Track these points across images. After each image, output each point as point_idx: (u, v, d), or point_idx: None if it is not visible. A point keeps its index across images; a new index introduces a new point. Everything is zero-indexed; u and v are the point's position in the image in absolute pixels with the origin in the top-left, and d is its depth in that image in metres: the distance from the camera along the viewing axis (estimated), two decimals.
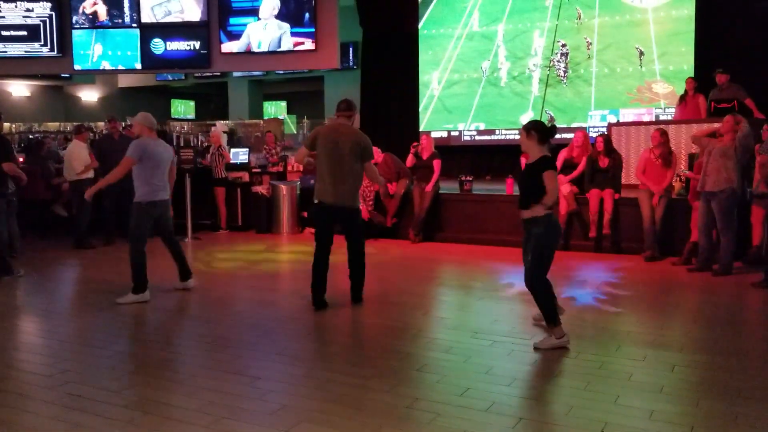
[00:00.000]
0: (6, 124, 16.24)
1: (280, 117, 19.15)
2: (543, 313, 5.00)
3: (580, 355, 4.79)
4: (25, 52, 14.27)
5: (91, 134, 14.73)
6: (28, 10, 14.14)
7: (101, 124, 16.34)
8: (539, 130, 4.99)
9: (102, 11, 13.90)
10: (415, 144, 10.40)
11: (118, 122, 10.80)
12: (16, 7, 14.13)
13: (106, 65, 14.34)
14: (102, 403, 3.97)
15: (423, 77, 14.58)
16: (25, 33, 14.19)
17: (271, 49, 13.47)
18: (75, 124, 11.80)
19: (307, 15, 13.34)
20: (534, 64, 13.81)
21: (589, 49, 13.32)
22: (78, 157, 9.57)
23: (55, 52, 14.20)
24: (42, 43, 14.21)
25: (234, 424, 3.66)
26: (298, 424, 3.65)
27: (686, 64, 12.36)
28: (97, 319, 5.97)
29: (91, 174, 9.64)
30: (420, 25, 14.49)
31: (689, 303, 6.76)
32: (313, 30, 13.22)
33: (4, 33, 14.18)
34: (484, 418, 3.74)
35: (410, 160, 10.32)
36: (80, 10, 13.87)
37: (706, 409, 3.87)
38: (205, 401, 3.97)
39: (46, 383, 4.35)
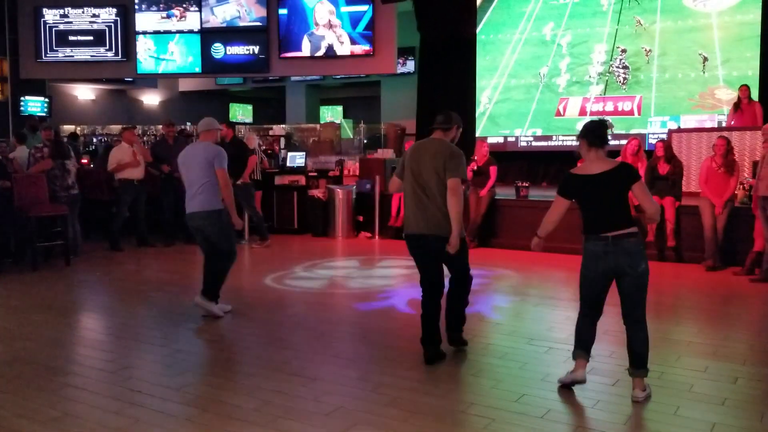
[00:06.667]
0: (70, 127, 16.73)
1: (337, 121, 19.26)
2: (644, 357, 4.10)
3: None
4: (91, 56, 14.73)
5: (154, 137, 15.13)
6: (94, 15, 14.60)
7: (161, 126, 16.71)
8: (584, 135, 4.24)
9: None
10: (473, 167, 10.13)
11: (175, 127, 10.98)
12: (83, 12, 14.59)
13: (167, 69, 14.71)
14: (161, 400, 4.07)
15: (480, 82, 14.50)
16: (91, 38, 14.65)
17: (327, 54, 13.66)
18: (123, 126, 12.07)
19: (365, 20, 13.48)
20: (593, 70, 13.62)
21: (647, 55, 13.08)
22: (112, 156, 9.71)
23: (120, 57, 14.61)
24: (107, 47, 14.63)
25: (290, 424, 3.71)
26: (353, 426, 3.68)
27: (751, 70, 12.03)
28: (155, 317, 6.11)
29: (138, 175, 9.77)
30: (478, 30, 14.43)
31: (752, 314, 6.58)
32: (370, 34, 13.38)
33: (71, 38, 14.67)
34: (540, 425, 3.71)
35: (470, 175, 10.17)
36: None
37: None
38: (262, 401, 4.02)
39: (108, 379, 4.47)
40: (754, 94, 11.02)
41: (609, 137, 4.28)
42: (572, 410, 3.96)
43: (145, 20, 14.39)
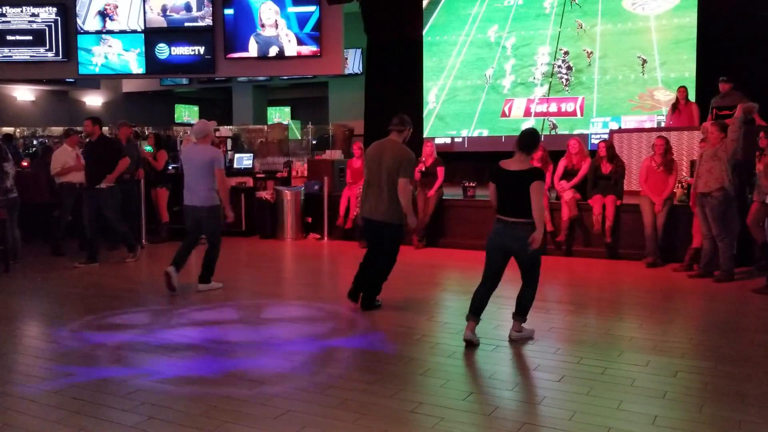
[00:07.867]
0: (9, 129, 16.28)
1: (284, 122, 19.16)
2: (527, 308, 5.34)
3: (583, 361, 4.80)
4: (30, 56, 14.36)
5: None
6: (33, 15, 14.23)
7: (105, 129, 16.35)
8: (518, 139, 5.15)
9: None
10: (421, 168, 10.14)
11: (130, 128, 10.76)
12: (21, 11, 14.21)
13: (110, 70, 14.42)
14: (106, 408, 4.00)
15: (427, 84, 14.61)
16: (30, 38, 14.28)
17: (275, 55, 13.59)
18: (65, 128, 11.80)
19: (312, 21, 13.45)
20: (537, 72, 13.82)
21: (589, 57, 13.34)
22: (56, 159, 9.49)
23: (60, 57, 14.28)
24: (47, 47, 14.28)
25: (238, 429, 3.68)
26: (302, 429, 3.67)
27: (688, 72, 12.36)
28: (98, 323, 5.99)
29: (81, 178, 9.51)
30: (424, 32, 14.53)
31: (691, 309, 6.78)
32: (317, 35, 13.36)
33: (9, 38, 14.27)
34: (488, 423, 3.76)
35: (418, 176, 10.19)
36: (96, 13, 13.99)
37: (709, 415, 3.88)
38: (209, 406, 3.99)
39: (50, 387, 4.37)
40: (691, 96, 11.37)
41: (538, 146, 5.34)
42: (519, 407, 4.02)
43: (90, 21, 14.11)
